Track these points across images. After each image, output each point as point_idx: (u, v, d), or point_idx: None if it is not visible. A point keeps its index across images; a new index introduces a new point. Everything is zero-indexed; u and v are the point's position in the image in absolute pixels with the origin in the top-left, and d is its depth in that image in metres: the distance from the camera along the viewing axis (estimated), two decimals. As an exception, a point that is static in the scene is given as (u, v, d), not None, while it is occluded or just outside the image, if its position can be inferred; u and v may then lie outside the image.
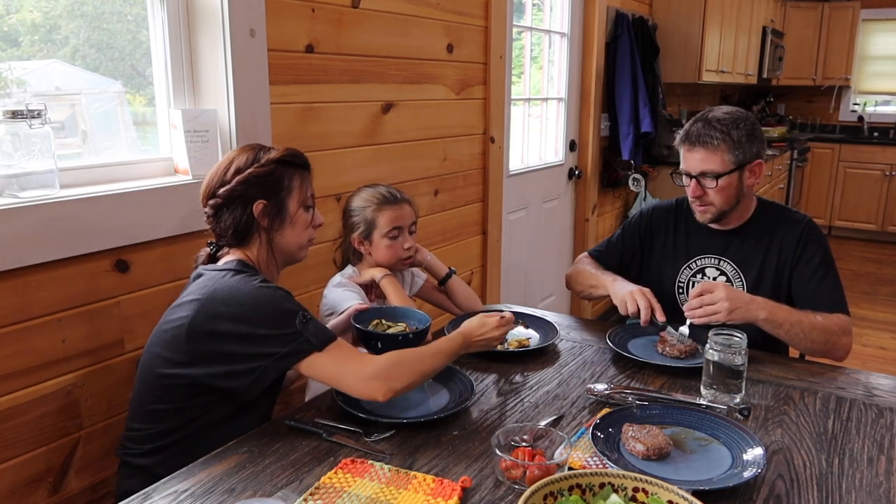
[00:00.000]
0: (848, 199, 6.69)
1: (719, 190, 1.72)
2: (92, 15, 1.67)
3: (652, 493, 0.98)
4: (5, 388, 1.40)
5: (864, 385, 1.51)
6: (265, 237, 1.41)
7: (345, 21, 2.11)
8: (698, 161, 1.72)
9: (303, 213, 1.45)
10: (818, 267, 1.73)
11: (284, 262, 1.48)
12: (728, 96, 6.83)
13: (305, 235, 1.47)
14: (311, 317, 1.29)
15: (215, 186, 1.39)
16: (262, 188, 1.38)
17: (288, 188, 1.41)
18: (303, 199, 1.44)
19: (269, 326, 1.25)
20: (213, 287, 1.29)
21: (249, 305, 1.25)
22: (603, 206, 4.23)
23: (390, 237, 1.74)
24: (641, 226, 1.97)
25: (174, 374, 1.29)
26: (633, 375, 1.56)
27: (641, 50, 4.02)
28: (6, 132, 1.41)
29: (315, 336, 1.26)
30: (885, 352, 4.03)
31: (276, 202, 1.40)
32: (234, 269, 1.33)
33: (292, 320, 1.26)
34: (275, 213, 1.40)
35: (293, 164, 1.43)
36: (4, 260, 1.36)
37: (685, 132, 1.76)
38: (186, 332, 1.26)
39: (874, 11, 6.82)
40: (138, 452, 1.33)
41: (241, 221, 1.38)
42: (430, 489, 1.09)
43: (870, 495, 1.10)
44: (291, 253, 1.46)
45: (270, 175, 1.39)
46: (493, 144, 2.93)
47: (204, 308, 1.27)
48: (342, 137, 2.17)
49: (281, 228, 1.42)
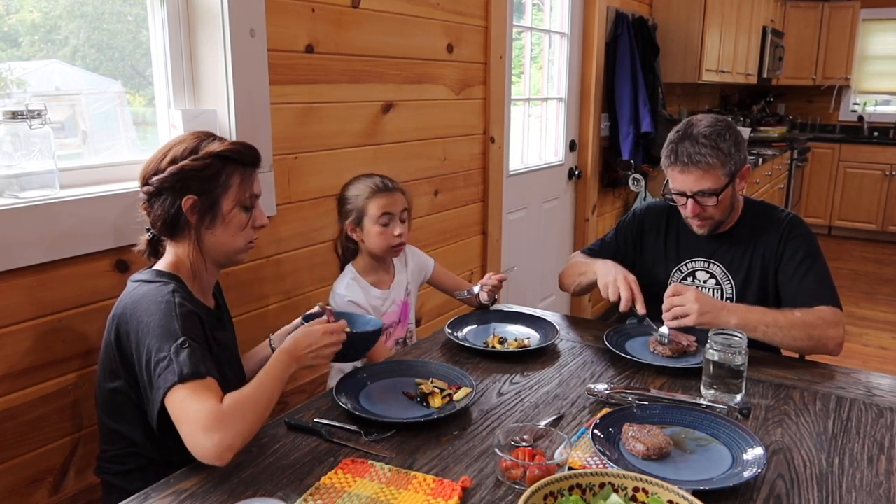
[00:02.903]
0: (848, 199, 6.69)
1: (718, 204, 1.72)
2: (92, 15, 1.67)
3: (652, 493, 0.98)
4: (5, 388, 1.40)
5: (864, 385, 1.51)
6: (194, 234, 1.33)
7: (344, 21, 2.11)
8: (693, 182, 1.70)
9: (239, 212, 1.35)
10: (801, 262, 1.72)
11: (218, 263, 1.40)
12: (728, 96, 6.83)
13: (242, 237, 1.37)
14: (195, 347, 1.17)
15: (150, 173, 1.32)
16: (194, 182, 1.30)
17: (224, 185, 1.32)
18: (240, 197, 1.34)
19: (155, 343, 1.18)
20: (125, 301, 1.27)
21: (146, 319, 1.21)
22: (603, 206, 4.23)
23: (381, 223, 1.76)
24: (634, 225, 1.98)
25: (114, 389, 1.28)
26: (633, 375, 1.56)
27: (641, 50, 4.02)
28: (6, 132, 1.42)
29: (184, 366, 1.14)
30: (885, 352, 4.03)
31: (208, 199, 1.31)
32: (147, 280, 1.28)
33: (169, 342, 1.17)
34: (205, 210, 1.32)
35: (235, 161, 1.33)
36: (4, 260, 1.36)
37: (672, 153, 1.71)
38: (112, 347, 1.26)
39: (874, 11, 6.82)
40: (114, 472, 1.33)
41: (168, 214, 1.30)
42: (430, 489, 1.09)
43: (870, 495, 1.10)
44: (225, 254, 1.37)
45: (205, 170, 1.30)
46: (493, 144, 2.93)
47: (117, 322, 1.25)
48: (342, 137, 2.17)
49: (212, 227, 1.33)
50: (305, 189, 2.06)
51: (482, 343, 1.71)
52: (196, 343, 1.19)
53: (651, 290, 1.82)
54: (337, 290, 1.81)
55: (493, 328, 1.81)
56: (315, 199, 2.10)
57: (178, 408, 1.13)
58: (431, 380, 1.43)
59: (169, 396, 1.14)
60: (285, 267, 2.03)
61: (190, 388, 1.13)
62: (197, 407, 1.11)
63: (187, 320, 1.21)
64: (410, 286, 1.94)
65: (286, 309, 2.05)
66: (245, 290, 1.91)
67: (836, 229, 6.81)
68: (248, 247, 1.40)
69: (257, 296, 1.95)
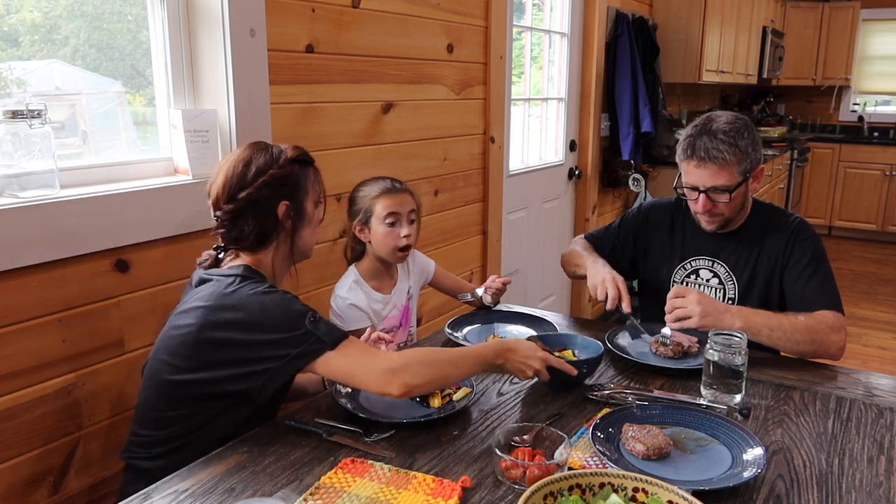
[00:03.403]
0: (848, 199, 6.69)
1: (730, 202, 1.71)
2: (92, 15, 1.67)
3: (652, 493, 0.98)
4: (5, 388, 1.40)
5: (864, 385, 1.51)
6: (287, 239, 1.40)
7: (345, 21, 2.11)
8: (708, 177, 1.69)
9: (315, 210, 1.44)
10: (806, 266, 1.72)
11: (291, 265, 1.47)
12: (728, 96, 6.83)
13: (316, 234, 1.47)
14: (321, 317, 1.27)
15: (234, 189, 1.34)
16: (285, 189, 1.36)
17: (304, 188, 1.40)
18: (316, 196, 1.44)
19: (279, 331, 1.23)
20: (220, 293, 1.27)
21: (259, 312, 1.24)
22: (603, 206, 4.23)
23: (387, 224, 1.75)
24: (638, 220, 1.98)
25: (183, 381, 1.27)
26: (633, 375, 1.56)
27: (641, 50, 4.02)
28: (6, 132, 1.41)
29: (327, 335, 1.24)
30: (885, 352, 4.03)
31: (295, 202, 1.39)
32: (241, 275, 1.30)
33: (302, 321, 1.24)
34: (296, 214, 1.39)
35: (306, 163, 1.42)
36: (4, 260, 1.36)
37: (690, 147, 1.70)
38: (194, 340, 1.25)
39: (874, 11, 6.82)
40: (145, 456, 1.32)
41: (265, 225, 1.36)
42: (430, 489, 1.09)
43: (870, 495, 1.10)
44: (307, 251, 1.46)
45: (290, 175, 1.37)
46: (493, 144, 2.93)
47: (212, 315, 1.25)
48: (342, 137, 2.17)
49: (300, 229, 1.41)
50: (305, 189, 2.06)
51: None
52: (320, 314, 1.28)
53: (658, 288, 1.82)
54: (338, 292, 1.80)
55: (494, 328, 1.81)
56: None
57: (345, 366, 1.24)
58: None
59: (322, 363, 1.23)
60: (285, 267, 2.03)
61: (344, 349, 1.24)
62: (367, 360, 1.24)
63: (300, 301, 1.29)
64: (412, 290, 1.93)
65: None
66: (245, 290, 1.90)
67: (836, 229, 6.81)
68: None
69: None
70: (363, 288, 1.80)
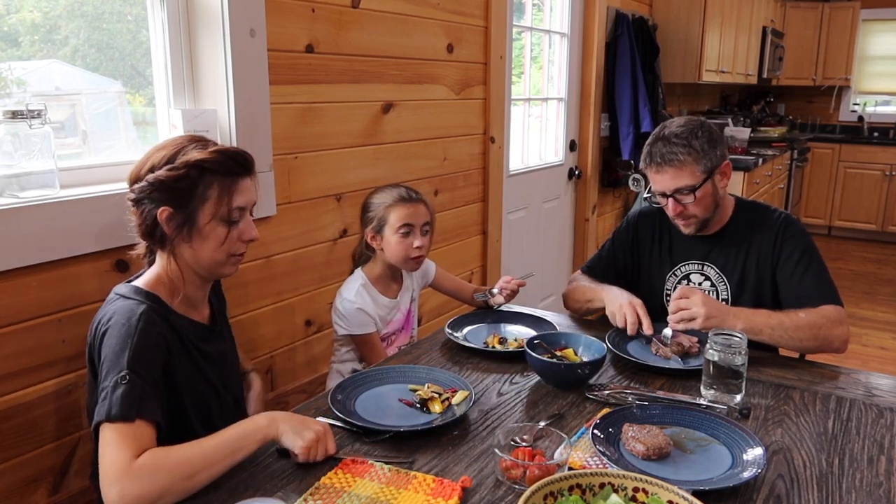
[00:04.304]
0: (848, 199, 6.69)
1: (697, 202, 1.73)
2: (92, 15, 1.67)
3: (652, 493, 0.98)
4: (5, 388, 1.40)
5: (864, 385, 1.51)
6: (170, 247, 1.27)
7: (345, 21, 2.11)
8: (669, 180, 1.73)
9: (217, 226, 1.26)
10: (798, 262, 1.73)
11: (201, 276, 1.32)
12: (728, 96, 6.83)
13: (222, 251, 1.28)
14: (135, 384, 1.11)
15: (133, 179, 1.27)
16: (169, 194, 1.23)
17: (201, 197, 1.24)
18: (219, 211, 1.26)
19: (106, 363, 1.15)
20: (102, 313, 1.23)
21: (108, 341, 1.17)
22: (603, 206, 4.23)
23: (401, 234, 1.74)
24: (629, 233, 1.98)
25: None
26: (633, 376, 1.56)
27: (641, 50, 4.02)
28: (6, 132, 1.42)
29: (114, 405, 1.09)
30: (885, 352, 4.03)
31: (183, 211, 1.24)
32: (125, 296, 1.24)
33: (113, 373, 1.12)
34: (181, 223, 1.25)
35: (215, 171, 1.24)
36: (4, 260, 1.36)
37: (648, 155, 1.75)
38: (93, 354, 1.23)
39: (874, 11, 6.82)
40: None
41: (146, 223, 1.25)
42: (430, 489, 1.09)
43: (870, 495, 1.10)
44: (204, 268, 1.30)
45: (180, 181, 1.22)
46: (493, 144, 2.93)
47: (93, 331, 1.23)
48: (342, 137, 2.17)
49: (189, 241, 1.26)
50: (305, 189, 2.06)
51: (482, 343, 1.71)
52: (140, 379, 1.12)
53: (653, 297, 1.83)
54: (345, 295, 1.79)
55: (494, 328, 1.81)
56: (315, 199, 2.10)
57: (100, 447, 1.08)
58: (427, 385, 1.42)
59: (101, 429, 1.09)
60: (285, 267, 2.03)
61: (113, 431, 1.07)
62: (111, 454, 1.05)
63: (142, 351, 1.15)
64: (415, 293, 1.93)
65: (286, 309, 2.05)
66: (245, 290, 1.91)
67: (836, 229, 6.81)
68: (231, 260, 1.32)
69: (257, 296, 1.95)
70: (370, 292, 1.80)
